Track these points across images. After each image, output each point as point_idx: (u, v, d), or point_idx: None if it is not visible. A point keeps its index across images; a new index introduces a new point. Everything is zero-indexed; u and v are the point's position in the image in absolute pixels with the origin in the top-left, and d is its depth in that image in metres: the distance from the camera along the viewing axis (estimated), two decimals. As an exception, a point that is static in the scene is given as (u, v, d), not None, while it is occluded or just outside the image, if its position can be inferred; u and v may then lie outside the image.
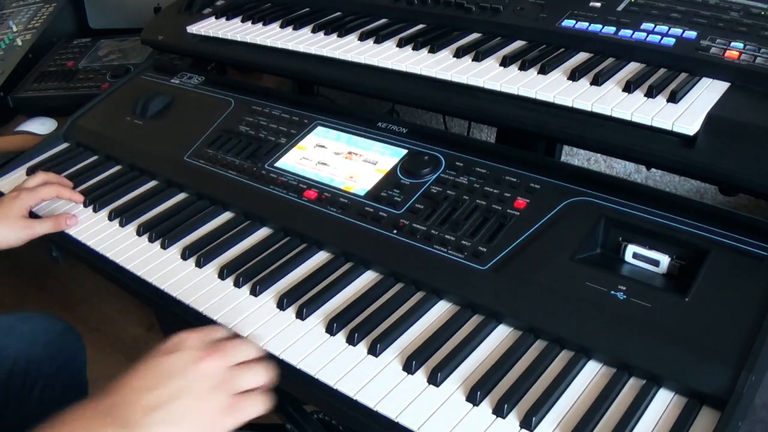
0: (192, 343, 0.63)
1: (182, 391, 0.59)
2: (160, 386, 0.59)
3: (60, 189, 1.06)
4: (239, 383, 0.62)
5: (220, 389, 0.61)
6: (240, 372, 0.63)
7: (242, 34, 1.24)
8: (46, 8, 1.80)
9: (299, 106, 1.14)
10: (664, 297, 0.72)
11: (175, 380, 0.59)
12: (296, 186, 0.99)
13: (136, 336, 1.94)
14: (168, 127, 1.21)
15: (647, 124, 0.84)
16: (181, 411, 0.58)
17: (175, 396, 0.58)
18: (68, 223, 1.02)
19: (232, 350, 0.64)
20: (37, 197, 1.04)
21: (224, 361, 0.62)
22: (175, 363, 0.61)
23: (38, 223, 1.02)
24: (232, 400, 0.61)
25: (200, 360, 0.61)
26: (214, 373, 0.61)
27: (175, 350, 0.62)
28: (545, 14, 1.06)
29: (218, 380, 0.61)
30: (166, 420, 0.57)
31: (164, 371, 0.60)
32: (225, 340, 0.66)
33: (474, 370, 0.71)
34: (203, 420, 0.59)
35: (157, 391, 0.58)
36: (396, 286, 0.83)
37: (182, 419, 0.58)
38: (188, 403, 0.58)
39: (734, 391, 0.62)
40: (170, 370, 0.60)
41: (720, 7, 0.97)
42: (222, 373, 0.61)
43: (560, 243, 0.80)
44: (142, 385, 0.59)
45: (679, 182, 1.58)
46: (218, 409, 0.60)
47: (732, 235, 0.75)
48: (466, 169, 0.92)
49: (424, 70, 1.02)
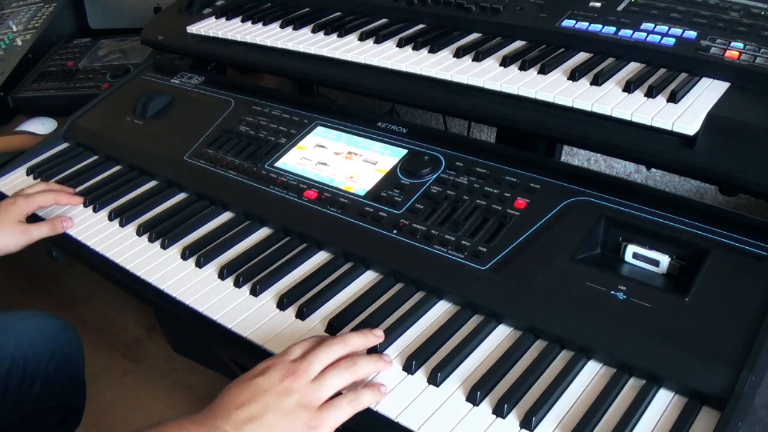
0: (277, 366, 0.68)
1: (270, 407, 0.64)
2: (251, 403, 0.64)
3: (58, 195, 1.07)
4: (320, 395, 0.66)
5: (303, 405, 0.65)
6: (320, 385, 0.67)
7: (242, 34, 1.24)
8: (46, 8, 1.80)
9: (299, 106, 1.14)
10: (664, 297, 0.72)
11: (264, 398, 0.64)
12: (296, 186, 0.99)
13: (136, 336, 1.94)
14: (168, 127, 1.21)
15: (647, 124, 0.84)
16: (270, 424, 0.63)
17: (264, 411, 0.64)
18: (64, 225, 1.02)
19: (312, 365, 0.68)
20: (34, 204, 1.04)
21: (305, 377, 0.67)
22: (263, 383, 0.66)
23: (35, 227, 1.02)
24: (313, 416, 0.65)
25: (284, 379, 0.66)
26: (296, 390, 0.66)
27: (263, 372, 0.67)
28: (545, 14, 1.06)
29: (300, 396, 0.65)
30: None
31: (254, 390, 0.65)
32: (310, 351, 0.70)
33: (474, 370, 0.71)
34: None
35: (248, 408, 0.64)
36: (396, 286, 0.83)
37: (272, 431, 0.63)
38: (277, 417, 0.64)
39: (734, 391, 0.62)
40: (259, 389, 0.65)
41: (720, 7, 0.98)
42: (303, 390, 0.66)
43: (560, 243, 0.80)
44: (235, 403, 0.64)
45: (679, 182, 1.58)
46: (301, 424, 0.64)
47: (732, 235, 0.75)
48: (466, 169, 0.92)
49: (424, 70, 1.02)
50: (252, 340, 0.78)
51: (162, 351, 1.86)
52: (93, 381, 1.18)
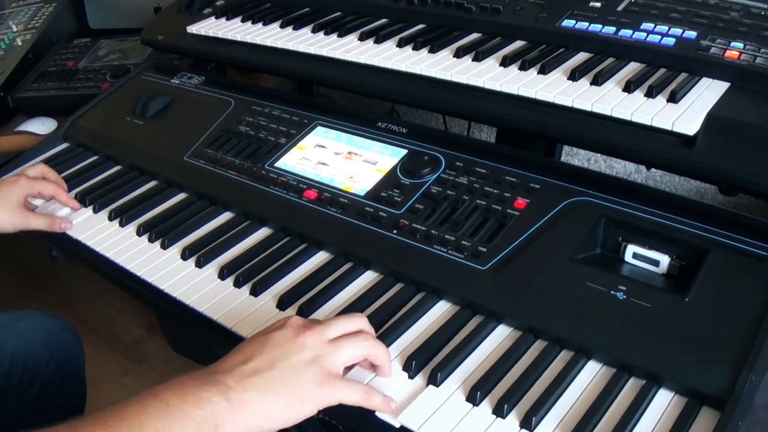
0: (294, 322, 0.66)
1: (278, 361, 0.61)
2: (258, 356, 0.61)
3: (58, 191, 1.07)
4: (335, 358, 0.63)
5: (314, 363, 0.62)
6: (335, 346, 0.64)
7: (242, 34, 1.24)
8: (46, 8, 1.80)
9: (299, 106, 1.14)
10: (664, 297, 0.72)
11: (273, 351, 0.62)
12: (296, 186, 0.98)
13: (136, 336, 1.94)
14: (168, 127, 1.21)
15: (647, 124, 0.84)
16: (275, 379, 0.60)
17: (271, 365, 0.61)
18: (63, 226, 1.03)
19: (330, 327, 0.66)
20: (35, 188, 1.04)
21: (321, 336, 0.64)
22: (276, 337, 0.63)
23: (34, 216, 1.02)
24: (324, 376, 0.62)
25: (299, 335, 0.63)
26: (310, 346, 0.63)
27: (278, 328, 0.65)
28: (545, 14, 1.06)
29: (313, 354, 0.62)
30: (259, 386, 0.59)
31: (265, 345, 0.63)
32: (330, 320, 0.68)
33: (474, 370, 0.71)
34: (294, 389, 0.60)
35: (255, 361, 0.61)
36: (396, 286, 0.83)
37: (275, 387, 0.60)
38: (283, 372, 0.61)
39: (734, 391, 0.62)
40: (270, 343, 0.63)
41: (720, 7, 0.97)
42: (318, 348, 0.63)
43: (560, 243, 0.80)
44: (243, 357, 0.62)
45: (679, 182, 1.58)
46: (310, 382, 0.61)
47: (732, 235, 0.75)
48: (466, 169, 0.92)
49: (424, 70, 1.02)
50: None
51: (162, 351, 1.86)
52: (93, 381, 1.18)
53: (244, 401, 0.59)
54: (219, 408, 0.57)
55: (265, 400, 0.59)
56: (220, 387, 0.59)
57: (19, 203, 1.02)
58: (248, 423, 0.59)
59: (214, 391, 0.58)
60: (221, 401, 0.58)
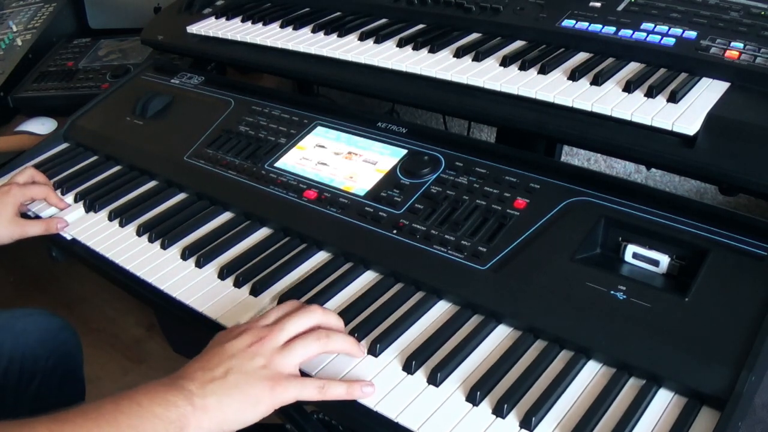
0: (250, 330, 0.71)
1: (234, 369, 0.67)
2: (217, 366, 0.68)
3: (49, 193, 1.07)
4: (285, 362, 0.69)
5: (265, 369, 0.68)
6: (287, 351, 0.70)
7: (242, 34, 1.24)
8: (46, 8, 1.80)
9: (299, 106, 1.14)
10: (664, 297, 0.72)
11: (230, 361, 0.68)
12: (296, 186, 0.99)
13: (136, 336, 1.94)
14: (168, 127, 1.21)
15: (647, 124, 0.84)
16: (230, 385, 0.66)
17: (226, 373, 0.67)
18: (59, 226, 1.03)
19: (283, 331, 0.71)
20: (27, 195, 1.05)
21: (273, 343, 0.70)
22: (232, 348, 0.69)
23: (30, 224, 1.02)
24: (275, 380, 0.68)
25: (252, 344, 0.69)
26: (262, 354, 0.69)
27: (235, 337, 0.71)
28: (545, 14, 1.06)
29: (264, 361, 0.68)
30: (216, 392, 0.66)
31: (223, 354, 0.69)
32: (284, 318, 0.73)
33: (474, 370, 0.71)
34: (247, 394, 0.66)
35: (214, 370, 0.67)
36: (396, 286, 0.83)
37: (231, 392, 0.66)
38: (237, 379, 0.67)
39: (734, 391, 0.62)
40: (227, 353, 0.69)
41: (720, 7, 0.97)
42: (269, 355, 0.69)
43: (560, 243, 0.80)
44: (203, 365, 0.68)
45: (679, 182, 1.58)
46: (261, 386, 0.67)
47: (732, 235, 0.75)
48: (466, 169, 0.92)
49: (424, 70, 1.02)
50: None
51: (162, 351, 1.86)
52: (93, 381, 1.18)
53: (205, 406, 0.65)
54: (184, 411, 0.64)
55: (222, 404, 0.65)
56: (184, 393, 0.65)
57: (14, 213, 1.02)
58: (209, 425, 0.65)
59: (179, 395, 0.65)
60: (186, 405, 0.64)
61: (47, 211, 1.08)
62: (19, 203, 1.03)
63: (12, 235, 1.01)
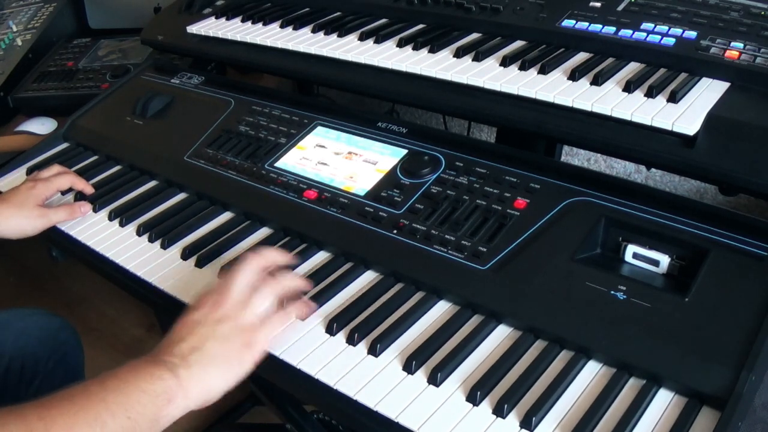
0: (207, 299, 0.74)
1: (208, 336, 0.70)
2: (190, 336, 0.70)
3: (74, 178, 1.08)
4: (249, 314, 0.73)
5: (235, 329, 0.71)
6: (247, 306, 0.73)
7: (242, 34, 1.24)
8: (46, 8, 1.80)
9: (299, 106, 1.14)
10: (664, 297, 0.72)
11: (201, 329, 0.70)
12: (296, 186, 0.99)
13: (136, 336, 1.94)
14: (168, 127, 1.21)
15: (647, 124, 0.84)
16: (211, 352, 0.69)
17: (204, 341, 0.69)
18: (83, 210, 1.03)
19: (235, 289, 0.74)
20: (52, 187, 1.05)
21: (232, 302, 0.73)
22: (197, 316, 0.72)
23: (53, 211, 1.02)
24: (248, 335, 0.71)
25: (214, 309, 0.72)
26: (227, 315, 0.71)
27: (197, 308, 0.73)
28: (545, 14, 1.06)
29: (231, 321, 0.71)
30: (200, 361, 0.68)
31: (191, 325, 0.71)
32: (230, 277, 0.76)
33: (474, 370, 0.71)
34: (228, 356, 0.69)
35: (189, 340, 0.69)
36: (396, 286, 0.83)
37: (214, 358, 0.68)
38: (216, 344, 0.69)
39: (734, 391, 0.62)
40: (195, 322, 0.71)
41: (720, 7, 0.97)
42: (233, 314, 0.72)
43: (560, 243, 0.80)
44: (177, 339, 0.70)
45: (679, 182, 1.58)
46: (239, 345, 0.70)
47: (732, 235, 0.75)
48: (466, 169, 0.92)
49: (424, 70, 1.02)
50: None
51: (162, 351, 1.86)
52: (93, 381, 1.18)
53: (190, 376, 0.67)
54: (170, 383, 0.65)
55: (206, 371, 0.68)
56: (168, 365, 0.67)
57: (37, 205, 1.02)
58: (198, 392, 0.67)
59: (163, 368, 0.66)
60: (171, 377, 0.66)
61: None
62: (43, 197, 1.03)
63: (36, 226, 1.01)
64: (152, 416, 0.64)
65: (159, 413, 0.64)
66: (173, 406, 0.65)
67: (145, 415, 0.63)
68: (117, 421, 0.61)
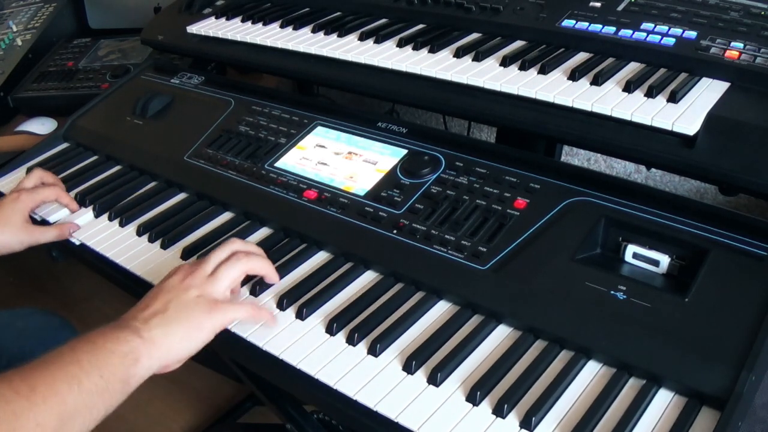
0: (180, 269, 0.79)
1: (172, 301, 0.75)
2: (155, 302, 0.75)
3: (60, 192, 1.06)
4: (216, 286, 0.77)
5: (200, 297, 0.76)
6: (215, 277, 0.78)
7: (242, 34, 1.24)
8: (46, 8, 1.80)
9: (299, 106, 1.14)
10: (664, 297, 0.72)
11: (166, 296, 0.76)
12: (296, 186, 0.99)
13: (136, 336, 1.94)
14: (168, 127, 1.21)
15: (647, 124, 0.84)
16: (173, 316, 0.74)
17: (167, 306, 0.75)
18: (71, 231, 1.02)
19: (208, 263, 0.79)
20: (37, 199, 1.03)
21: (201, 273, 0.78)
22: (166, 285, 0.77)
23: (41, 231, 1.01)
24: (211, 304, 0.76)
25: (184, 279, 0.77)
26: (194, 285, 0.76)
27: (168, 277, 0.79)
28: (545, 14, 1.06)
29: (198, 290, 0.76)
30: (161, 324, 0.73)
31: (159, 293, 0.77)
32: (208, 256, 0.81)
33: (474, 370, 0.71)
34: (189, 322, 0.74)
35: (153, 306, 0.75)
36: (396, 286, 0.83)
37: (175, 321, 0.73)
38: (178, 309, 0.74)
39: (734, 391, 0.62)
40: (163, 290, 0.77)
41: (720, 7, 0.97)
42: (200, 284, 0.77)
43: (560, 243, 0.80)
44: (144, 305, 0.76)
45: (679, 182, 1.58)
46: (200, 312, 0.75)
47: (732, 235, 0.75)
48: (466, 169, 0.92)
49: (424, 70, 1.02)
50: (250, 340, 0.78)
51: (162, 351, 1.86)
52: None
53: (152, 338, 0.72)
54: (135, 344, 0.70)
55: (167, 335, 0.72)
56: (132, 328, 0.72)
57: (24, 220, 1.00)
58: (159, 354, 0.72)
59: (128, 331, 0.71)
60: (135, 339, 0.71)
61: (55, 215, 1.07)
62: (29, 209, 1.01)
63: (22, 241, 0.99)
64: (122, 376, 0.68)
65: (127, 372, 0.69)
66: (139, 366, 0.70)
67: (116, 374, 0.68)
68: (91, 380, 0.66)
